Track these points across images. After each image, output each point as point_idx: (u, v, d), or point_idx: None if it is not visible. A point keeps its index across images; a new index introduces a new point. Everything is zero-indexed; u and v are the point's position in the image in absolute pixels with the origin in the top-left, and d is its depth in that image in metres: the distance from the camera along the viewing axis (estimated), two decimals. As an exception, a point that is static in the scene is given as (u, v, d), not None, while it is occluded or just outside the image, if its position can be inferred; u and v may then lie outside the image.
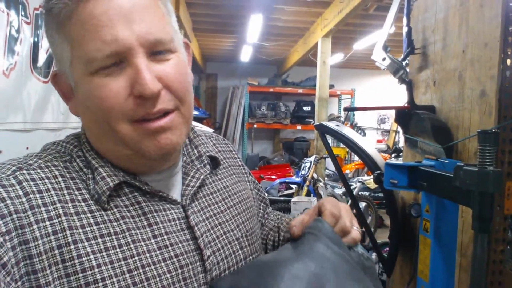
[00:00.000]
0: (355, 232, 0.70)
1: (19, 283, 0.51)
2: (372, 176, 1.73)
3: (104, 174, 0.62)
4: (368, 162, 1.82)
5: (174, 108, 0.62)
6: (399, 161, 1.71)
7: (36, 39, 1.55)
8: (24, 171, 0.58)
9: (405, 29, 1.79)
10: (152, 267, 0.60)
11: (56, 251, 0.54)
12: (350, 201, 4.71)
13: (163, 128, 0.60)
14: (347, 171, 7.22)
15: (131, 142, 0.60)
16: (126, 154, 0.62)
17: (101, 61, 0.56)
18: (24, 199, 0.55)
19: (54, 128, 1.64)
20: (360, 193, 5.24)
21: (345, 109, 2.16)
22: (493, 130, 0.95)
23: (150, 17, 0.59)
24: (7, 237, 0.52)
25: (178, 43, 0.65)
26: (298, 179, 5.11)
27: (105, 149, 0.64)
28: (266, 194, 1.03)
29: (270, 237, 0.91)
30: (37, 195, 0.56)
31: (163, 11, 0.63)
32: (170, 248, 0.63)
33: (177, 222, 0.66)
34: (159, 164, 0.67)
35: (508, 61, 1.31)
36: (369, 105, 1.96)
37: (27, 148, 1.47)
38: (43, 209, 0.56)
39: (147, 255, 0.60)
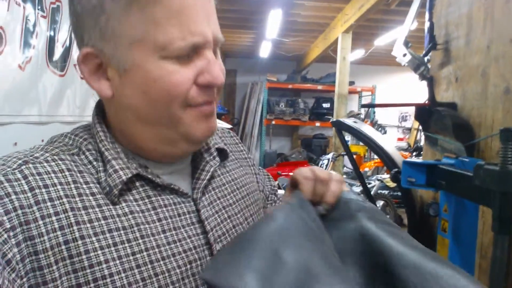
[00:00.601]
0: (334, 184, 0.70)
1: (24, 279, 0.51)
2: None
3: (117, 167, 0.61)
4: (386, 160, 1.79)
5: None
6: (419, 160, 1.68)
7: (52, 33, 1.57)
8: (30, 165, 0.58)
9: (427, 24, 1.75)
10: (161, 262, 0.59)
11: (63, 247, 0.54)
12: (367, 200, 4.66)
13: (212, 113, 0.65)
14: (366, 169, 7.14)
15: (185, 125, 0.63)
16: (172, 138, 0.64)
17: (181, 49, 0.58)
18: (29, 194, 0.55)
19: (70, 121, 1.66)
20: (379, 191, 5.18)
21: (363, 106, 2.13)
22: (516, 128, 0.92)
23: (216, 18, 0.65)
24: (11, 233, 0.51)
25: None
26: (315, 176, 5.08)
27: (140, 133, 0.64)
28: (275, 182, 1.05)
29: None
30: (43, 190, 0.56)
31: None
32: (179, 244, 0.62)
33: (187, 216, 0.65)
34: (191, 149, 0.69)
35: (535, 57, 1.26)
36: (390, 103, 1.93)
37: (42, 140, 1.48)
38: (49, 204, 0.55)
39: (156, 250, 0.59)
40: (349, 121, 2.02)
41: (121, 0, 0.57)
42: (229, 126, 7.69)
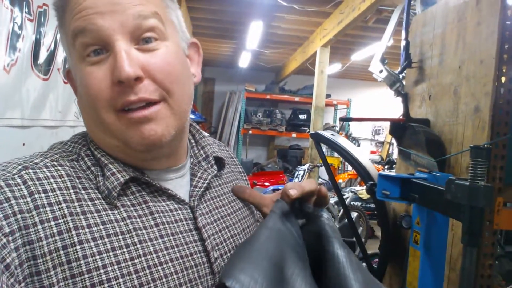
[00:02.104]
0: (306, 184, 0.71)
1: (22, 284, 0.50)
2: (364, 187, 1.75)
3: (114, 170, 0.61)
4: (362, 172, 1.84)
5: (160, 99, 0.61)
6: (392, 173, 1.73)
7: (38, 37, 1.55)
8: (30, 170, 0.58)
9: (403, 43, 1.81)
10: (159, 267, 0.58)
11: (61, 252, 0.53)
12: (342, 210, 4.72)
13: (147, 118, 0.59)
14: (340, 181, 7.24)
15: (117, 132, 0.60)
16: (116, 145, 0.62)
17: (86, 49, 0.58)
18: (29, 199, 0.55)
19: (51, 125, 1.63)
20: (352, 203, 5.26)
21: (341, 119, 2.18)
22: (486, 145, 0.97)
23: (136, 4, 0.59)
24: (10, 238, 0.51)
25: (172, 33, 0.65)
26: (291, 187, 5.11)
27: (99, 141, 0.64)
28: None
29: None
30: (42, 195, 0.56)
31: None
32: (176, 249, 0.62)
33: (185, 222, 0.65)
34: (152, 158, 0.66)
35: (503, 78, 1.34)
36: (364, 116, 1.98)
37: (23, 144, 1.46)
38: (48, 209, 0.55)
39: (154, 255, 0.59)
40: (327, 134, 2.07)
41: (58, 21, 0.63)
42: (207, 134, 7.65)
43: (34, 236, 0.53)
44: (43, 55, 1.59)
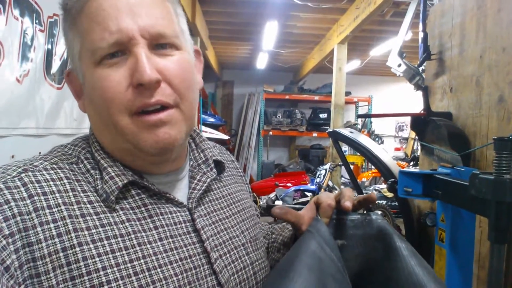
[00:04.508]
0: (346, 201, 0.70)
1: (22, 286, 0.51)
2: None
3: (113, 174, 0.62)
4: (383, 170, 1.79)
5: (174, 104, 0.62)
6: (416, 169, 1.68)
7: (50, 46, 1.58)
8: (30, 173, 0.58)
9: (421, 35, 1.76)
10: (158, 270, 0.59)
11: (61, 254, 0.54)
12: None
13: (162, 121, 0.60)
14: (364, 179, 7.13)
15: (130, 135, 0.60)
16: (126, 148, 0.62)
17: (104, 50, 0.58)
18: (28, 201, 0.55)
19: (67, 133, 1.67)
20: (376, 201, 5.17)
21: (359, 116, 2.14)
22: (510, 137, 0.92)
23: (155, 13, 0.61)
24: (10, 240, 0.51)
25: (185, 43, 0.67)
26: (313, 187, 5.08)
27: (108, 143, 0.65)
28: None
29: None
30: (42, 197, 0.56)
31: (170, 11, 0.65)
32: (175, 251, 0.62)
33: (183, 225, 0.65)
34: (160, 161, 0.67)
35: (527, 66, 1.28)
36: (386, 113, 1.94)
37: (40, 153, 1.48)
38: (47, 211, 0.55)
39: (153, 257, 0.59)
40: (345, 131, 2.03)
41: (67, 21, 0.63)
42: (227, 137, 7.70)
43: (33, 238, 0.53)
44: (56, 65, 1.62)
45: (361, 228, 0.70)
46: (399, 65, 2.13)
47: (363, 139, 1.99)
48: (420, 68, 1.98)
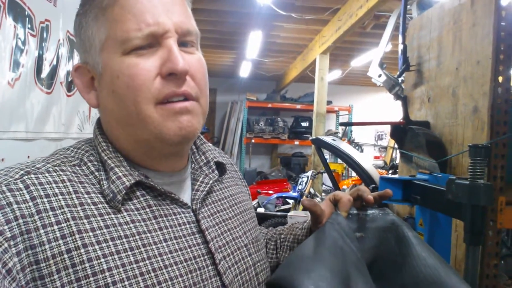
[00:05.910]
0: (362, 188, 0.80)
1: None
2: (367, 190, 1.75)
3: (120, 174, 0.62)
4: (363, 176, 1.84)
5: (196, 97, 0.65)
6: (395, 176, 1.73)
7: (41, 52, 1.59)
8: (32, 175, 0.58)
9: (400, 47, 1.83)
10: (164, 270, 0.59)
11: (66, 255, 0.54)
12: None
13: (187, 109, 0.63)
14: (344, 187, 7.21)
15: (153, 124, 0.61)
16: (144, 139, 0.63)
17: (138, 40, 0.61)
18: (31, 204, 0.55)
19: (55, 138, 1.66)
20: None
21: (341, 124, 2.20)
22: (484, 144, 0.98)
23: (183, 12, 0.66)
24: (12, 243, 0.51)
25: (199, 44, 0.71)
26: (295, 194, 5.11)
27: (123, 138, 0.66)
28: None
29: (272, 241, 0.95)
30: (45, 199, 0.56)
31: (189, 12, 0.69)
32: (180, 252, 0.62)
33: (188, 226, 0.66)
34: (173, 153, 0.68)
35: (500, 78, 1.35)
36: (367, 121, 1.99)
37: (28, 156, 1.49)
38: (50, 213, 0.55)
39: (159, 258, 0.59)
40: (328, 139, 2.08)
41: (90, 13, 0.64)
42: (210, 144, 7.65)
43: (36, 240, 0.53)
44: (46, 70, 1.62)
45: (376, 222, 0.76)
46: (380, 76, 2.20)
47: (345, 147, 2.04)
48: (400, 79, 2.05)
